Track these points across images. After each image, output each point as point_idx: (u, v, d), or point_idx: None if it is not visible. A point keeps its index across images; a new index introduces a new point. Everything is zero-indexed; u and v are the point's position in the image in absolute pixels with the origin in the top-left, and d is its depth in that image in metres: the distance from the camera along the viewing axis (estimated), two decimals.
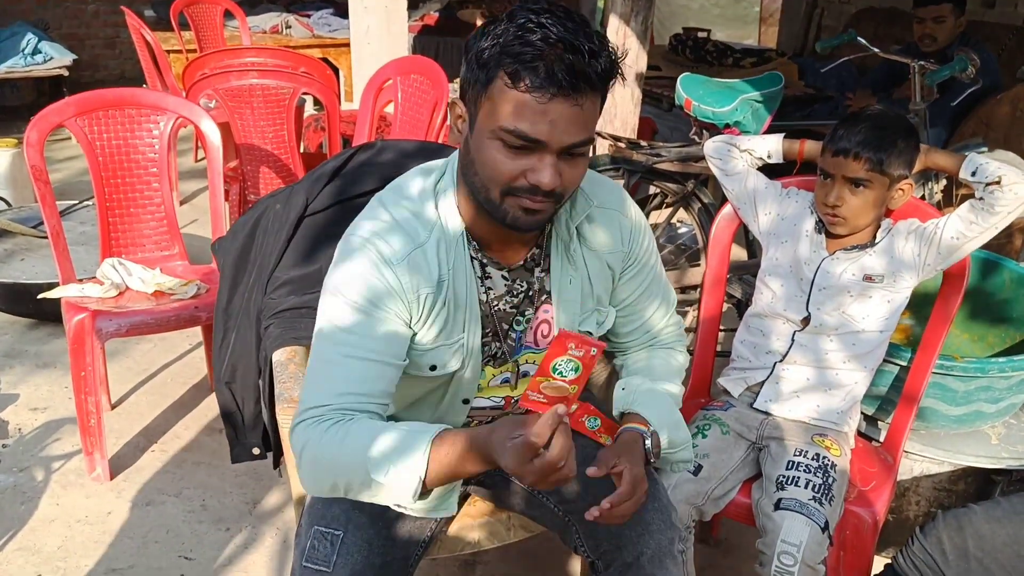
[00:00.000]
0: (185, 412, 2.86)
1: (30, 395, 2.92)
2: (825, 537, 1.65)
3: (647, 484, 1.35)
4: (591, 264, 1.45)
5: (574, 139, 1.21)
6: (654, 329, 1.61)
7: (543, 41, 1.15)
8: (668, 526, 1.45)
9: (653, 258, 1.55)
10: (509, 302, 1.43)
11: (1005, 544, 1.55)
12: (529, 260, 1.42)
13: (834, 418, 1.88)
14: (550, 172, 1.21)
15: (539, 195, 1.23)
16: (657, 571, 1.43)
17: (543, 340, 1.47)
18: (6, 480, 2.49)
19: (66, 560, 2.21)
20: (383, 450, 1.23)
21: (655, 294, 1.58)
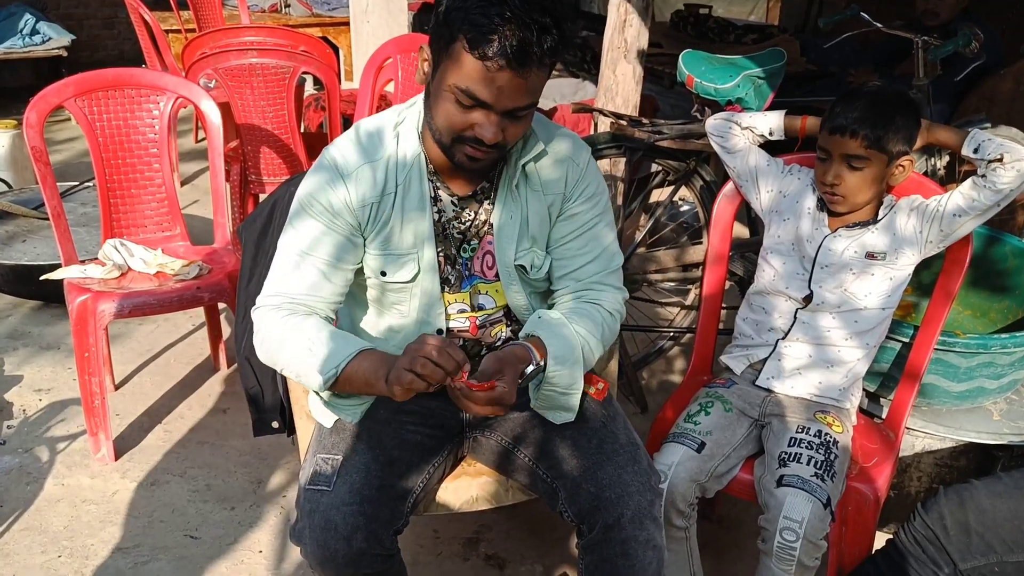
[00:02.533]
0: (189, 392, 2.87)
1: (33, 376, 2.93)
2: (827, 513, 1.65)
3: (509, 401, 1.40)
4: (532, 203, 1.55)
5: (517, 104, 1.36)
6: (585, 281, 1.62)
7: (499, 16, 1.29)
8: (647, 488, 1.50)
9: (595, 214, 1.60)
10: (456, 227, 1.56)
11: (1006, 519, 1.55)
12: (479, 192, 1.56)
13: (836, 395, 1.89)
14: (493, 129, 1.37)
15: (483, 146, 1.39)
16: (638, 532, 1.48)
17: (488, 272, 1.60)
18: (11, 461, 2.50)
19: (72, 540, 2.22)
20: (322, 341, 1.45)
21: (591, 249, 1.61)
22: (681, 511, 1.74)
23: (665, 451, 1.78)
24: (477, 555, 2.22)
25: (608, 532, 1.48)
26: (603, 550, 1.50)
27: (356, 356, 1.43)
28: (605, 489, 1.48)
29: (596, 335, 1.58)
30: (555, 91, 5.06)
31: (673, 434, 1.82)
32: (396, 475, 1.54)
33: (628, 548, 1.48)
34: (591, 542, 1.51)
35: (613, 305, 1.64)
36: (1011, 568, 1.56)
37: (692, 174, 2.70)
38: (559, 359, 1.49)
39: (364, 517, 1.45)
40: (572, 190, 1.57)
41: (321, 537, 1.43)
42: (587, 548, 1.53)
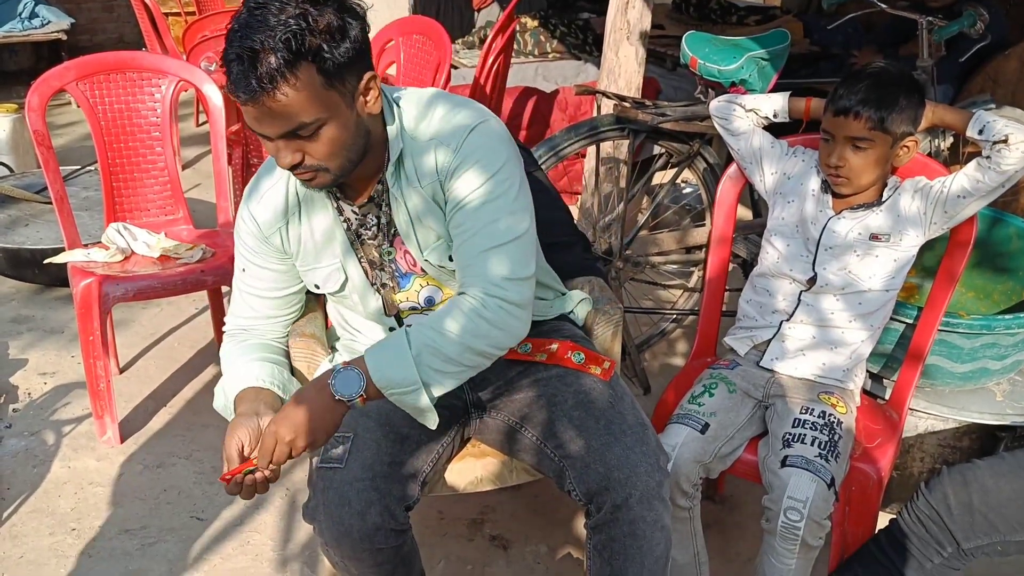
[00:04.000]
0: (193, 375, 2.88)
1: (38, 360, 2.93)
2: (831, 493, 1.66)
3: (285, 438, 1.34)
4: (414, 198, 1.51)
5: (283, 129, 1.32)
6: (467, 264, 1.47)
7: (227, 55, 1.28)
8: (656, 469, 1.50)
9: (472, 188, 1.45)
10: (367, 234, 1.56)
11: (1009, 499, 1.56)
12: (375, 195, 1.53)
13: (839, 376, 1.89)
14: (281, 155, 1.35)
15: (296, 170, 1.38)
16: (646, 512, 1.48)
17: (415, 268, 1.59)
18: (18, 444, 2.51)
19: (79, 521, 2.24)
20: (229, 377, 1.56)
21: (469, 227, 1.46)
22: (685, 491, 1.75)
23: (669, 432, 1.79)
24: (482, 535, 2.23)
25: (616, 512, 1.48)
26: (611, 530, 1.51)
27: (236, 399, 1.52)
28: (614, 470, 1.48)
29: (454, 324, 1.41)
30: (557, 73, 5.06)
31: (677, 415, 1.83)
32: (407, 452, 1.55)
33: (636, 528, 1.49)
34: (599, 522, 1.52)
35: (484, 291, 1.43)
36: (1014, 547, 1.58)
37: (695, 156, 2.70)
38: (375, 363, 1.39)
39: (377, 492, 1.46)
40: (445, 172, 1.46)
41: (336, 513, 1.45)
42: (595, 528, 1.54)
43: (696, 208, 3.54)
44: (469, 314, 1.41)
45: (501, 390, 1.68)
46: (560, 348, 1.64)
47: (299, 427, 1.34)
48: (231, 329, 1.66)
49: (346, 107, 1.35)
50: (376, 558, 1.52)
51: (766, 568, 1.77)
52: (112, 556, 2.13)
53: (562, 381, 1.60)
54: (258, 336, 1.65)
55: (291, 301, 1.67)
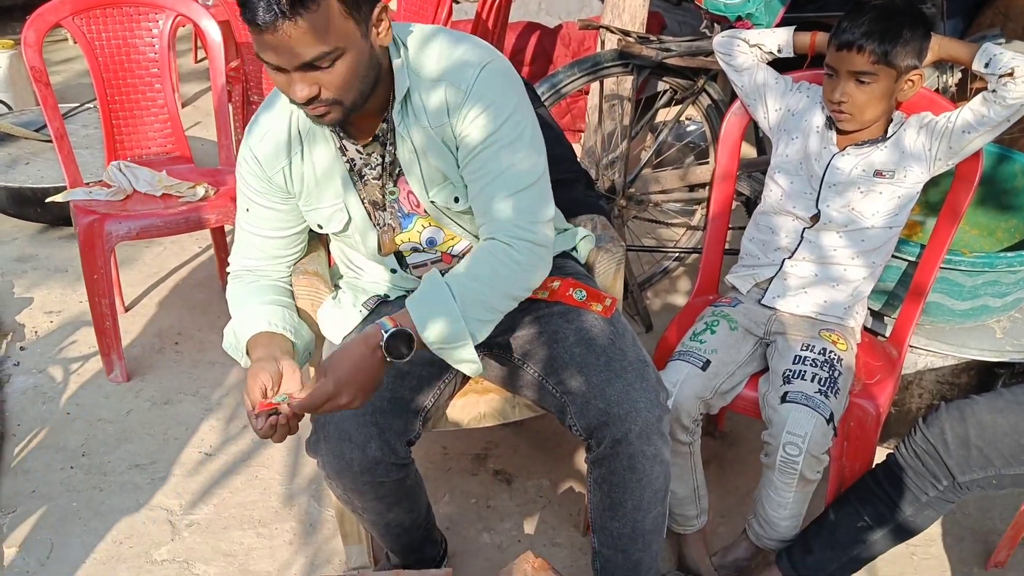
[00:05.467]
0: (198, 314, 2.90)
1: (44, 299, 2.95)
2: (830, 428, 1.69)
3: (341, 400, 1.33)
4: (423, 139, 1.49)
5: (301, 60, 1.30)
6: (488, 209, 1.48)
7: None
8: (655, 405, 1.51)
9: (487, 133, 1.44)
10: (370, 174, 1.55)
11: (1006, 433, 1.58)
12: (379, 134, 1.51)
13: (840, 313, 1.90)
14: (297, 87, 1.33)
15: (308, 104, 1.35)
16: (645, 447, 1.50)
17: (418, 208, 1.59)
18: (26, 381, 2.54)
19: (89, 457, 2.27)
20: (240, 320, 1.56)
21: (488, 172, 1.46)
22: (685, 427, 1.77)
23: (670, 369, 1.80)
24: (485, 470, 2.27)
25: (616, 447, 1.51)
26: (611, 464, 1.53)
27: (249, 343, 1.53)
28: (614, 405, 1.49)
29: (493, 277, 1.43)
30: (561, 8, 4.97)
31: (678, 352, 1.85)
32: (408, 388, 1.57)
33: (636, 463, 1.51)
34: (599, 456, 1.54)
35: (512, 234, 1.45)
36: (1008, 480, 1.60)
37: (700, 92, 2.67)
38: (422, 319, 1.39)
39: (377, 427, 1.49)
40: (455, 113, 1.45)
41: (336, 447, 1.47)
42: (595, 462, 1.56)
43: (700, 146, 3.51)
44: (503, 260, 1.44)
45: (503, 327, 1.69)
46: (562, 285, 1.65)
47: (356, 390, 1.34)
48: (236, 270, 1.66)
49: (361, 37, 1.34)
50: (378, 491, 1.55)
51: (764, 501, 1.80)
52: (122, 490, 2.17)
53: (563, 318, 1.61)
54: (264, 277, 1.65)
55: (295, 241, 1.66)
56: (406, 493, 1.62)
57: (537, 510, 2.16)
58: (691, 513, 1.91)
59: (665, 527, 1.64)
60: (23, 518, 2.07)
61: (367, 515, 1.64)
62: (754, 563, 1.94)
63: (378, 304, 1.69)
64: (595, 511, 1.62)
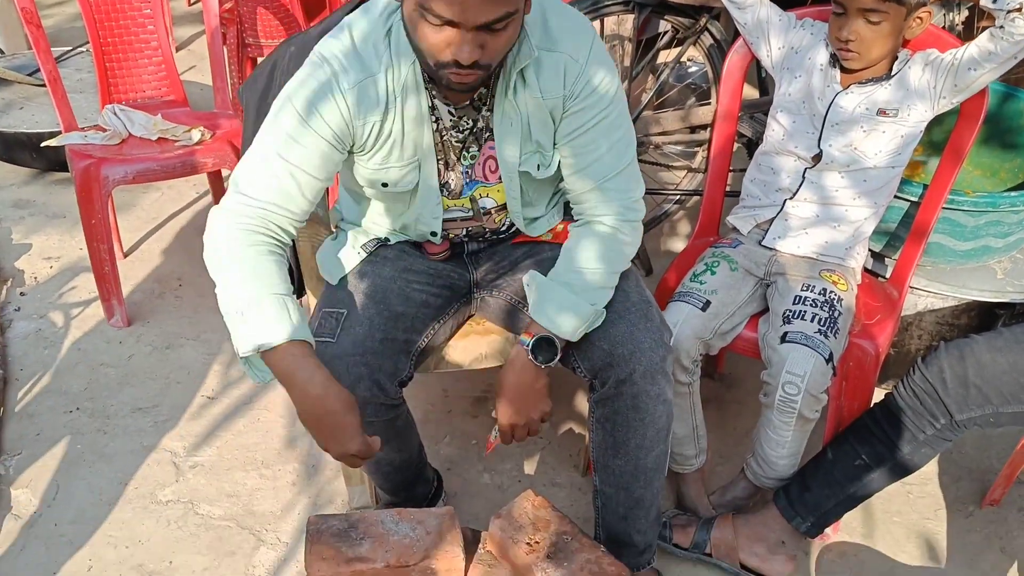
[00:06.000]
0: (197, 259, 2.84)
1: (42, 245, 2.94)
2: (829, 368, 1.69)
3: (531, 420, 1.54)
4: (531, 109, 1.46)
5: (487, 18, 1.23)
6: (588, 186, 1.51)
7: None
8: (659, 345, 1.51)
9: (598, 110, 1.46)
10: (455, 136, 1.50)
11: (1004, 372, 1.59)
12: (476, 99, 1.47)
13: (841, 253, 1.89)
14: (467, 48, 1.25)
15: (464, 68, 1.28)
16: (649, 386, 1.51)
17: (491, 176, 1.56)
18: (27, 326, 2.55)
19: (93, 400, 2.29)
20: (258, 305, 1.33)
21: (593, 150, 1.49)
22: (685, 367, 1.78)
23: (670, 310, 1.80)
24: (486, 412, 2.29)
25: (620, 387, 1.51)
26: (615, 403, 1.54)
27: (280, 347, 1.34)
28: (617, 346, 1.50)
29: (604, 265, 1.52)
30: None
31: (679, 293, 1.84)
32: (400, 329, 1.56)
33: (639, 402, 1.52)
34: (603, 396, 1.55)
35: (630, 224, 1.54)
36: (1006, 418, 1.61)
37: (702, 32, 2.62)
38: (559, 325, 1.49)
39: (367, 368, 1.48)
40: (572, 88, 1.44)
41: None
42: (599, 402, 1.57)
43: (701, 87, 3.46)
44: (611, 244, 1.53)
45: (505, 269, 1.69)
46: (564, 227, 1.64)
47: (532, 405, 1.52)
48: (243, 208, 1.40)
49: (524, 1, 1.31)
50: (368, 431, 1.55)
51: (763, 440, 1.82)
52: (126, 433, 2.19)
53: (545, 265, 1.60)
54: (274, 236, 1.43)
55: (319, 194, 1.48)
56: (396, 433, 1.63)
57: (537, 451, 2.18)
58: (690, 453, 1.92)
59: (667, 465, 1.65)
60: (28, 460, 2.09)
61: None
62: (752, 502, 1.97)
63: (377, 247, 1.68)
64: (597, 450, 1.63)
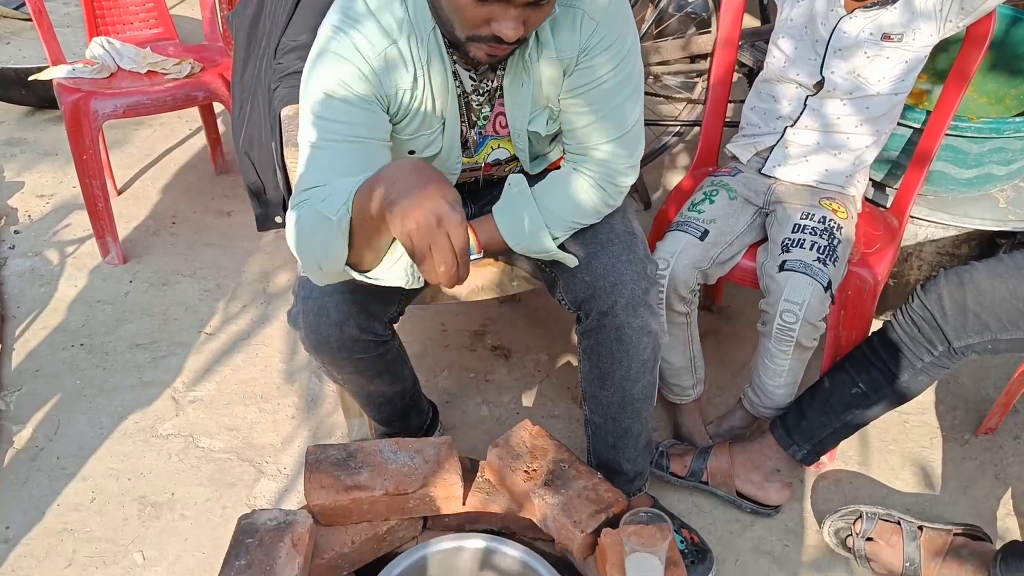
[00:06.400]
0: (192, 196, 2.86)
1: (35, 182, 2.91)
2: (827, 296, 1.68)
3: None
4: (544, 70, 1.42)
5: None
6: (586, 143, 1.47)
7: None
8: (641, 277, 1.49)
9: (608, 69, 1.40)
10: (476, 100, 1.47)
11: (1004, 298, 1.58)
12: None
13: (841, 181, 1.87)
14: (513, 25, 1.18)
15: (502, 44, 1.22)
16: (632, 319, 1.50)
17: (502, 130, 1.52)
18: (23, 264, 2.54)
19: (91, 337, 2.29)
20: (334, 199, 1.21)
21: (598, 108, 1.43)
22: (683, 297, 1.77)
23: (668, 239, 1.79)
24: (483, 346, 2.29)
25: (603, 319, 1.51)
26: (598, 335, 1.53)
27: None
28: (599, 278, 1.49)
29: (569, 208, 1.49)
30: None
31: (677, 222, 1.83)
32: None
33: (622, 334, 1.51)
34: (587, 328, 1.55)
35: (609, 179, 1.49)
36: (1003, 345, 1.61)
37: None
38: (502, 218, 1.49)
39: (356, 305, 1.47)
40: (587, 43, 1.39)
41: (314, 323, 1.46)
42: (584, 334, 1.57)
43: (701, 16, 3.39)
44: (593, 198, 1.50)
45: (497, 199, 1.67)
46: (560, 158, 1.62)
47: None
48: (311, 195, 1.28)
49: None
50: (357, 366, 1.55)
51: (760, 370, 1.82)
52: (125, 368, 2.19)
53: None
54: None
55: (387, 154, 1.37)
56: (387, 367, 1.63)
57: (535, 384, 2.18)
58: (687, 383, 1.93)
59: (655, 395, 1.65)
60: (29, 396, 2.10)
61: (348, 386, 1.67)
62: (748, 431, 1.98)
63: None
64: (585, 381, 1.63)
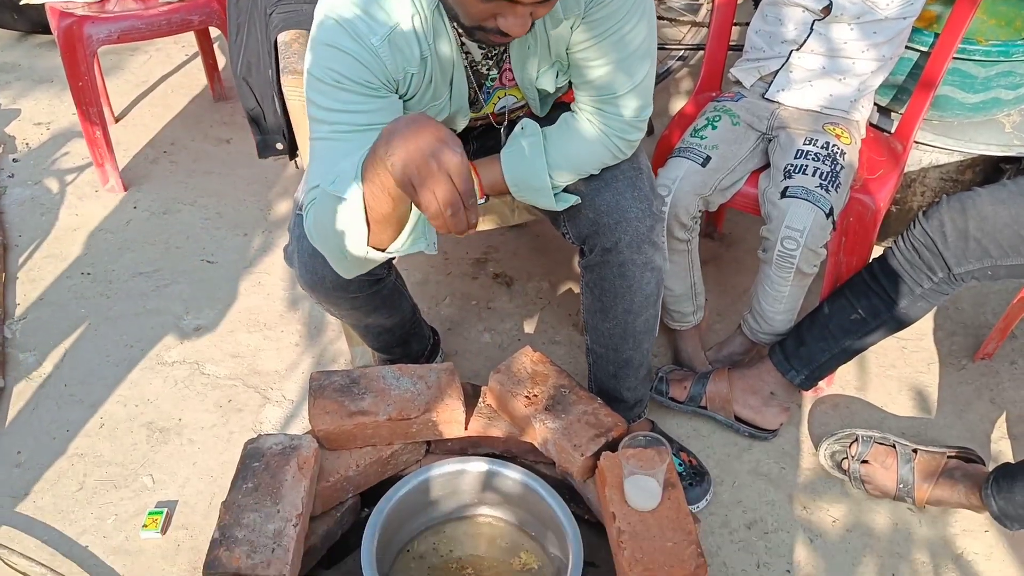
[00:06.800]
0: (190, 123, 2.84)
1: (31, 110, 2.88)
2: (829, 222, 1.68)
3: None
4: (551, 28, 1.37)
5: None
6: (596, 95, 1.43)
7: None
8: (647, 215, 1.48)
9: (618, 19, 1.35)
10: (484, 64, 1.43)
11: (1006, 224, 1.57)
12: None
13: (846, 106, 1.85)
14: (521, 23, 1.15)
15: (509, 36, 1.18)
16: (635, 256, 1.49)
17: (509, 82, 1.49)
18: (23, 193, 2.53)
19: (94, 266, 2.30)
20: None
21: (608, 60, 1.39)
22: (684, 224, 1.77)
23: (670, 166, 1.78)
24: (485, 274, 2.30)
25: (606, 255, 1.50)
26: (601, 270, 1.53)
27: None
28: (603, 215, 1.47)
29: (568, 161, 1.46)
30: None
31: (679, 149, 1.81)
32: None
33: (625, 270, 1.51)
34: (590, 263, 1.54)
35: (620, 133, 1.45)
36: (1004, 271, 1.61)
37: None
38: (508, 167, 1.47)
39: None
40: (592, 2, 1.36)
41: (309, 263, 1.45)
42: (587, 268, 1.57)
43: None
44: (602, 151, 1.47)
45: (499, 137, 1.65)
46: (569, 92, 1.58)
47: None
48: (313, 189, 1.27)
49: None
50: (353, 303, 1.56)
51: (760, 296, 1.83)
52: (129, 296, 2.21)
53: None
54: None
55: None
56: (383, 302, 1.63)
57: (536, 311, 2.20)
58: (687, 310, 1.94)
59: (657, 327, 1.66)
60: (34, 324, 2.12)
61: (345, 319, 1.68)
62: (747, 357, 2.00)
63: None
64: (587, 312, 1.64)
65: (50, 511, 1.74)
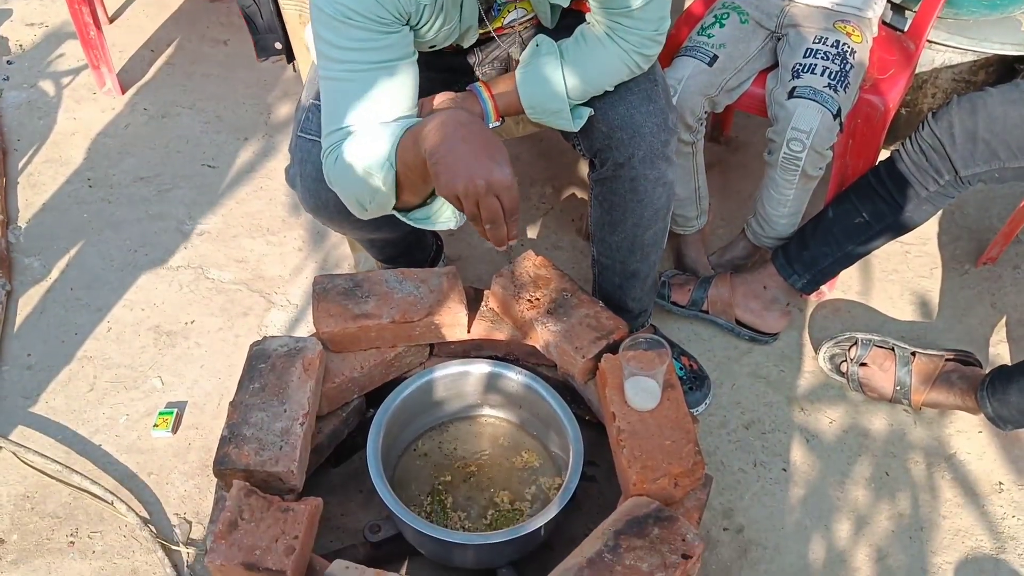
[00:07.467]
0: (187, 24, 2.77)
1: (23, 11, 2.81)
2: (836, 124, 1.65)
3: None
4: None
5: None
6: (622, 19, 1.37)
7: None
8: (662, 129, 1.44)
9: None
10: None
11: (1016, 125, 1.54)
12: None
13: (858, 3, 1.79)
14: None
15: None
16: (648, 171, 1.46)
17: None
18: (19, 96, 2.49)
19: (94, 171, 2.28)
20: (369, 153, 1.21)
21: None
22: (689, 125, 1.74)
23: (676, 65, 1.74)
24: None
25: (619, 170, 1.47)
26: (613, 184, 1.51)
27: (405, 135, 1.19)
28: (617, 130, 1.44)
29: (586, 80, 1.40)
30: None
31: (685, 47, 1.77)
32: None
33: (637, 185, 1.49)
34: (602, 176, 1.52)
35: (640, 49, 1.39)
36: (1011, 173, 1.59)
37: None
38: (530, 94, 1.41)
39: None
40: None
41: (312, 187, 1.43)
42: (598, 181, 1.54)
43: None
44: (620, 66, 1.41)
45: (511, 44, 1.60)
46: None
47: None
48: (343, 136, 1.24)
49: None
50: (355, 224, 1.52)
51: (765, 199, 1.81)
52: (130, 202, 2.20)
53: (570, 32, 1.52)
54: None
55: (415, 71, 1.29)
56: (388, 218, 1.61)
57: (540, 216, 2.19)
58: (691, 214, 1.93)
59: (665, 240, 1.65)
60: (37, 229, 2.12)
61: (349, 235, 1.69)
62: (750, 262, 2.00)
63: None
64: (595, 224, 1.63)
65: (63, 411, 1.77)
